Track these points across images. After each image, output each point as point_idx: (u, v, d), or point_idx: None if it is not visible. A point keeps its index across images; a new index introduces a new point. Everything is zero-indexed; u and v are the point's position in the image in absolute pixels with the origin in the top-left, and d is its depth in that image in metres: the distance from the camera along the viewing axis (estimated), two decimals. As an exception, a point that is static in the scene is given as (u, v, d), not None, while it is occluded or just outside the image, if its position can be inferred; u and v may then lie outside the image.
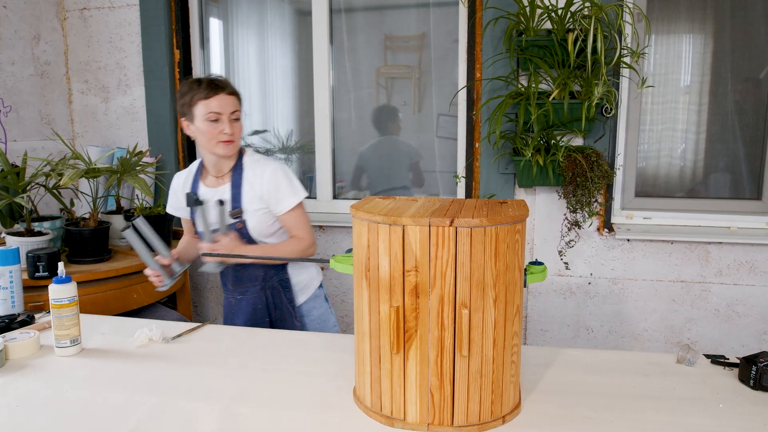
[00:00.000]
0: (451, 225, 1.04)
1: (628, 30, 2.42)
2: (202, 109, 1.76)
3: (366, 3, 2.95)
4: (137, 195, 2.60)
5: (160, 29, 2.84)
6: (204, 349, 1.52)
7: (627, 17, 2.40)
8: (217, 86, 1.76)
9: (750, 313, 2.58)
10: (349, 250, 1.28)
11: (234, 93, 1.81)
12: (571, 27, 2.33)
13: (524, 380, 1.33)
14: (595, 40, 2.19)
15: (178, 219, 2.94)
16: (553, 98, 2.32)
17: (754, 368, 1.31)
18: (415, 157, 2.99)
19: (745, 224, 2.58)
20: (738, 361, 1.39)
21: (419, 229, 1.05)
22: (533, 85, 2.37)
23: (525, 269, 1.20)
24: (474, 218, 1.04)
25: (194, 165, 1.97)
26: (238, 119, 1.82)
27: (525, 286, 1.18)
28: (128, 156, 2.39)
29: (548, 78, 2.46)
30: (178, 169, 2.95)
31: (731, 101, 2.68)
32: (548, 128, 2.44)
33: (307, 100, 3.01)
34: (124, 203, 2.70)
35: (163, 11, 2.82)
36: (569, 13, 2.33)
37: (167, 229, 2.52)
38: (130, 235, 1.72)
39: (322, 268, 2.93)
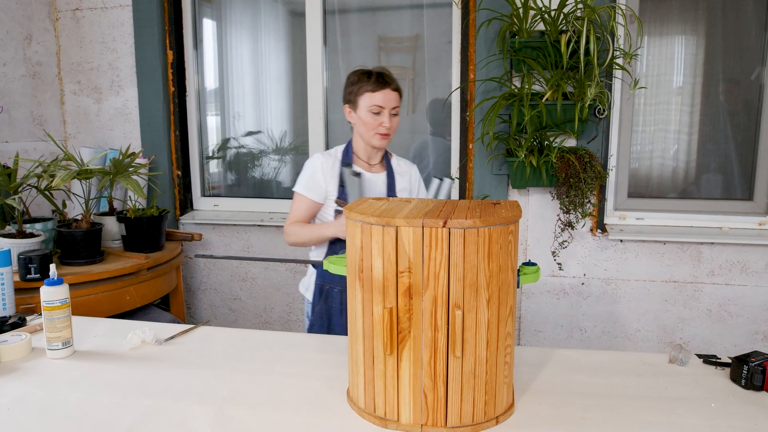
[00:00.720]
0: (444, 226, 1.04)
1: (620, 32, 2.44)
2: (368, 100, 1.85)
3: (360, 4, 2.95)
4: (130, 196, 2.59)
5: (153, 30, 2.83)
6: (197, 351, 1.52)
7: (619, 19, 2.41)
8: (384, 81, 1.85)
9: (742, 313, 2.60)
10: (343, 252, 1.28)
11: (398, 89, 1.89)
12: (564, 28, 2.34)
13: (518, 381, 1.33)
14: (587, 42, 2.20)
15: (172, 220, 2.95)
16: (546, 99, 2.33)
17: (745, 368, 1.32)
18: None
19: (736, 225, 2.59)
20: (730, 361, 1.39)
21: (412, 230, 1.05)
22: (526, 87, 2.38)
23: (518, 270, 1.20)
24: (467, 219, 1.05)
25: (337, 150, 2.00)
26: (396, 114, 1.90)
27: (518, 287, 1.19)
28: (121, 157, 2.38)
29: (541, 79, 2.47)
30: (171, 170, 2.94)
31: (723, 102, 2.69)
32: (541, 129, 2.45)
33: (300, 101, 3.01)
34: (116, 204, 2.69)
35: (156, 12, 2.81)
36: (562, 14, 2.33)
37: (161, 229, 2.51)
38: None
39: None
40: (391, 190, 1.97)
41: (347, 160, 1.95)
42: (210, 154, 3.17)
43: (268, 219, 2.90)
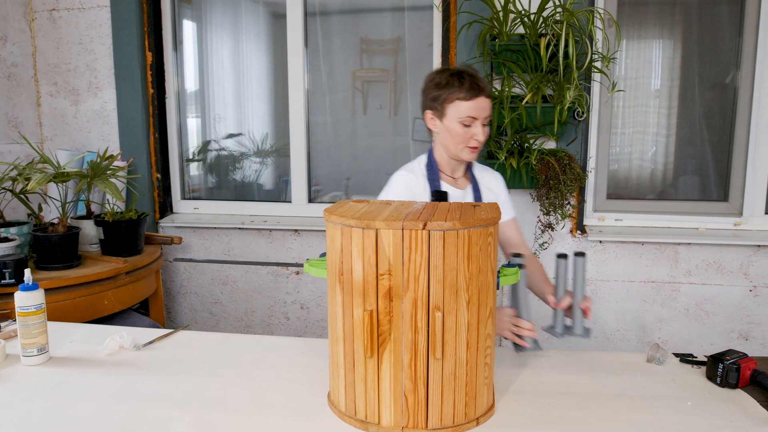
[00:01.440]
0: (424, 228, 1.05)
1: (599, 35, 2.47)
2: (459, 110, 1.59)
3: (341, 6, 2.95)
4: (108, 200, 2.56)
5: (132, 31, 2.79)
6: (176, 356, 1.50)
7: (598, 23, 2.44)
8: (479, 87, 1.59)
9: (718, 312, 2.64)
10: (323, 254, 1.28)
11: (491, 95, 1.65)
12: (544, 32, 2.36)
13: (498, 382, 1.34)
14: (566, 45, 2.22)
15: (151, 223, 2.92)
16: (526, 102, 2.35)
17: (720, 366, 1.34)
18: None
19: (712, 225, 2.64)
20: (705, 360, 1.42)
21: (392, 232, 1.05)
22: (507, 89, 2.40)
23: (498, 271, 1.21)
24: (447, 221, 1.05)
25: (420, 161, 1.76)
26: (487, 125, 1.65)
27: (498, 288, 1.19)
28: (99, 160, 2.35)
29: (521, 82, 2.49)
30: (151, 173, 2.91)
31: (699, 105, 2.74)
32: (521, 131, 2.47)
33: (282, 103, 3.00)
34: (94, 208, 2.65)
35: (134, 13, 2.78)
36: (541, 18, 2.36)
37: (139, 232, 2.48)
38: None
39: (297, 273, 2.91)
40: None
41: (433, 176, 1.71)
42: (190, 157, 3.14)
43: (249, 222, 2.88)
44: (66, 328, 1.69)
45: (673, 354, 1.52)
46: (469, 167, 1.77)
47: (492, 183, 1.79)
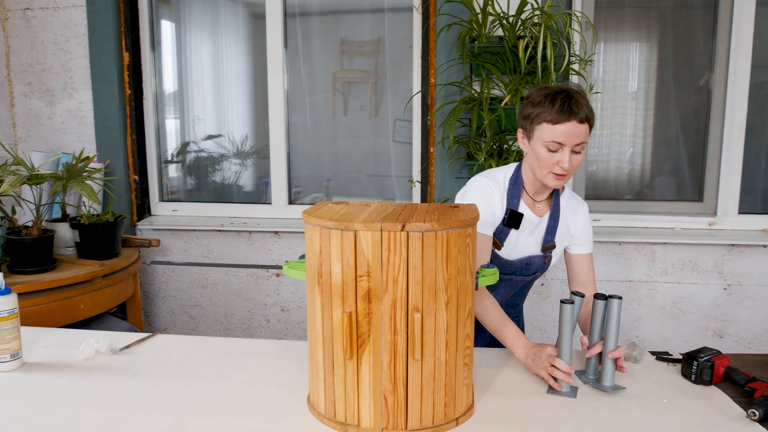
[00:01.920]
0: (402, 230, 1.05)
1: (576, 38, 2.50)
2: (545, 133, 1.45)
3: (321, 7, 2.94)
4: (84, 202, 2.52)
5: (108, 31, 2.76)
6: (154, 360, 1.48)
7: (575, 26, 2.47)
8: (570, 111, 1.43)
9: (693, 311, 2.69)
10: (303, 256, 1.27)
11: (586, 120, 1.45)
12: (522, 34, 2.38)
13: (477, 382, 1.35)
14: (544, 47, 2.25)
15: (129, 226, 2.88)
16: (505, 104, 2.36)
17: (695, 364, 1.36)
18: None
19: (687, 225, 2.69)
20: (681, 357, 1.44)
21: (371, 234, 1.05)
22: (486, 91, 2.41)
23: (477, 272, 1.22)
24: (425, 222, 1.05)
25: (507, 172, 1.64)
26: (579, 152, 1.47)
27: (476, 289, 1.20)
28: (74, 161, 2.31)
29: (500, 84, 2.51)
30: (128, 175, 2.87)
31: (674, 107, 2.79)
32: (501, 133, 2.49)
33: (262, 105, 2.98)
34: (70, 210, 2.61)
35: (111, 13, 2.74)
36: (520, 20, 2.38)
37: (116, 235, 2.45)
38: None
39: (277, 275, 2.90)
40: (550, 233, 1.63)
41: (515, 193, 1.59)
42: (169, 158, 3.11)
43: (229, 224, 2.86)
44: (40, 333, 1.66)
45: (650, 352, 1.54)
46: (555, 193, 1.63)
47: (570, 219, 1.65)
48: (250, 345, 1.61)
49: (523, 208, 1.59)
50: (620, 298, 1.32)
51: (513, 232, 1.59)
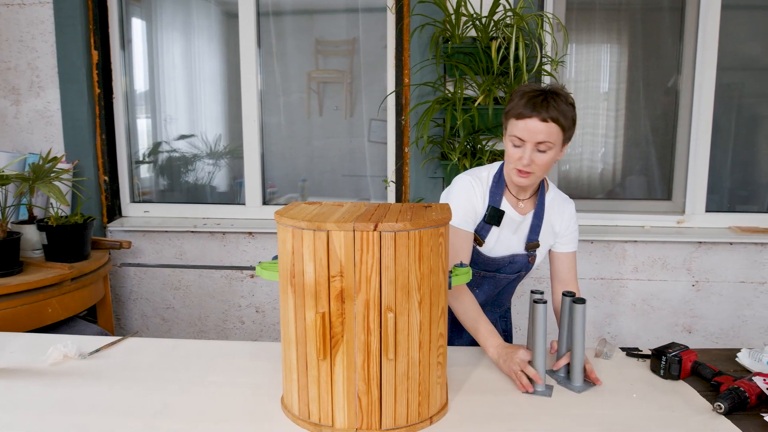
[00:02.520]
0: (375, 230, 1.05)
1: (548, 39, 2.53)
2: (511, 127, 1.47)
3: (295, 6, 2.93)
4: (52, 203, 2.46)
5: (76, 29, 2.70)
6: (125, 364, 1.46)
7: (547, 27, 2.50)
8: (534, 108, 1.43)
9: (663, 307, 2.74)
10: (276, 257, 1.26)
11: (554, 120, 1.43)
12: (495, 35, 2.40)
13: (451, 380, 1.36)
14: (517, 48, 2.27)
15: (99, 227, 2.83)
16: (479, 104, 2.38)
17: (663, 359, 1.39)
18: None
19: (657, 223, 2.74)
20: (650, 353, 1.47)
21: (344, 234, 1.05)
22: (459, 91, 2.43)
23: (450, 271, 1.22)
24: (398, 222, 1.05)
25: (491, 170, 1.64)
26: (545, 151, 1.45)
27: (449, 288, 1.20)
28: (41, 162, 2.25)
29: (474, 84, 2.53)
30: (98, 176, 2.82)
31: (644, 108, 2.84)
32: (474, 133, 2.51)
33: (235, 104, 2.95)
34: (37, 212, 2.55)
35: (78, 10, 2.68)
36: (492, 21, 2.40)
37: (86, 237, 2.40)
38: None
39: (252, 276, 2.87)
40: (534, 232, 1.62)
41: (498, 191, 1.59)
42: (140, 159, 3.06)
43: (202, 225, 2.82)
44: (5, 338, 1.62)
45: (620, 348, 1.57)
46: (540, 192, 1.62)
47: (556, 217, 1.65)
48: (223, 347, 1.59)
49: (505, 205, 1.59)
50: (584, 301, 1.33)
51: (494, 229, 1.59)
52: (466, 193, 1.59)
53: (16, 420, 1.19)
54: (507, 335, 1.85)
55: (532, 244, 1.63)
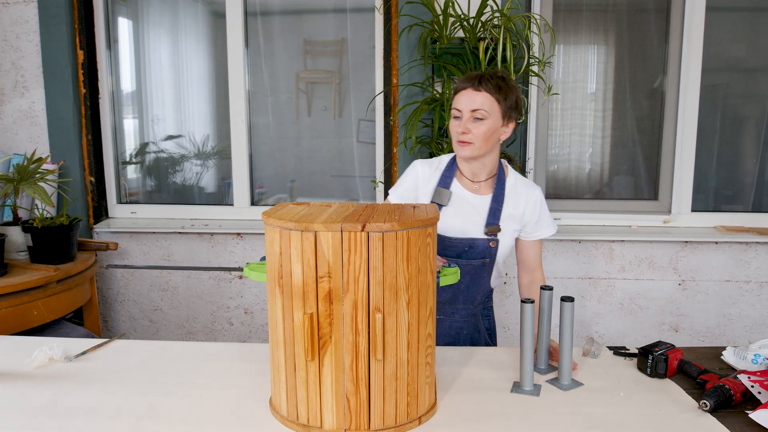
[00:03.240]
0: (362, 230, 1.05)
1: (535, 40, 2.54)
2: (452, 103, 1.60)
3: (283, 7, 2.92)
4: (37, 205, 2.44)
5: (61, 28, 2.67)
6: (111, 367, 1.44)
7: (534, 28, 2.51)
8: (468, 80, 1.56)
9: (650, 306, 2.77)
10: (264, 258, 1.26)
11: (486, 90, 1.53)
12: (483, 36, 2.41)
13: (440, 380, 1.36)
14: (504, 49, 2.28)
15: (85, 229, 2.80)
16: (467, 104, 2.38)
17: (650, 357, 1.40)
18: None
19: (644, 223, 2.76)
20: (637, 352, 1.48)
21: (331, 234, 1.05)
22: (447, 91, 2.43)
23: (438, 272, 1.22)
24: (385, 223, 1.05)
25: (443, 160, 1.72)
26: (482, 118, 1.54)
27: (438, 287, 1.21)
28: (26, 163, 2.23)
29: (462, 85, 2.53)
30: (84, 177, 2.79)
31: (631, 108, 2.87)
32: (463, 133, 2.51)
33: (223, 104, 2.94)
34: (22, 213, 2.52)
35: (64, 9, 2.66)
36: (480, 22, 2.41)
37: (71, 238, 2.38)
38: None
39: (240, 277, 2.86)
40: (494, 215, 1.64)
41: (449, 174, 1.67)
42: (127, 159, 3.03)
43: (190, 226, 2.81)
44: (-10, 341, 1.60)
45: (607, 347, 1.58)
46: (499, 175, 1.67)
47: (521, 204, 1.67)
48: (211, 348, 1.58)
49: (455, 186, 1.66)
50: (572, 299, 1.35)
51: (445, 208, 1.65)
52: (414, 176, 1.71)
53: (2, 423, 1.17)
54: (490, 334, 1.83)
55: (492, 228, 1.65)
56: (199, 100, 3.07)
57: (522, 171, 2.66)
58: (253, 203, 2.96)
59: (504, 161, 1.72)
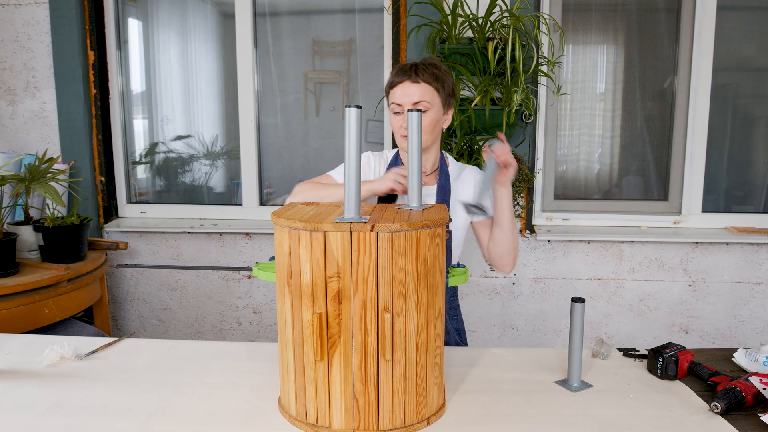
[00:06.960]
0: (372, 230, 1.05)
1: (544, 40, 2.53)
2: (389, 99, 1.56)
3: (291, 7, 2.93)
4: (48, 204, 2.46)
5: (72, 29, 2.69)
6: (121, 365, 1.45)
7: (543, 28, 2.51)
8: (404, 72, 1.52)
9: (660, 307, 2.75)
10: (272, 258, 1.26)
11: (424, 80, 1.51)
12: (491, 36, 2.40)
13: (449, 381, 1.36)
14: (513, 49, 2.27)
15: (95, 228, 2.82)
16: (475, 104, 2.38)
17: (660, 359, 1.39)
18: None
19: (654, 224, 2.75)
20: (647, 353, 1.47)
21: (340, 234, 1.05)
22: (457, 92, 2.43)
23: (447, 271, 1.22)
24: (394, 223, 1.05)
25: (392, 151, 1.71)
26: (425, 110, 1.51)
27: (447, 288, 1.20)
28: (37, 163, 2.25)
29: (470, 85, 2.53)
30: (94, 176, 2.81)
31: (640, 108, 2.85)
32: (471, 133, 2.51)
33: (232, 105, 2.95)
34: (33, 213, 2.54)
35: (75, 10, 2.68)
36: (489, 22, 2.40)
37: (82, 238, 2.39)
38: None
39: (249, 277, 2.87)
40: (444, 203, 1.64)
41: (394, 165, 1.65)
42: (137, 159, 3.05)
43: (199, 225, 2.82)
44: (2, 340, 1.61)
45: (617, 348, 1.57)
46: (441, 165, 1.66)
47: (465, 189, 1.68)
48: (220, 348, 1.59)
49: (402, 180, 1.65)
50: (583, 300, 1.34)
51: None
52: (367, 161, 1.70)
53: (12, 421, 1.18)
54: (459, 333, 1.80)
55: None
56: (208, 101, 3.09)
57: (531, 171, 2.65)
58: (261, 203, 2.96)
59: (444, 152, 1.71)
